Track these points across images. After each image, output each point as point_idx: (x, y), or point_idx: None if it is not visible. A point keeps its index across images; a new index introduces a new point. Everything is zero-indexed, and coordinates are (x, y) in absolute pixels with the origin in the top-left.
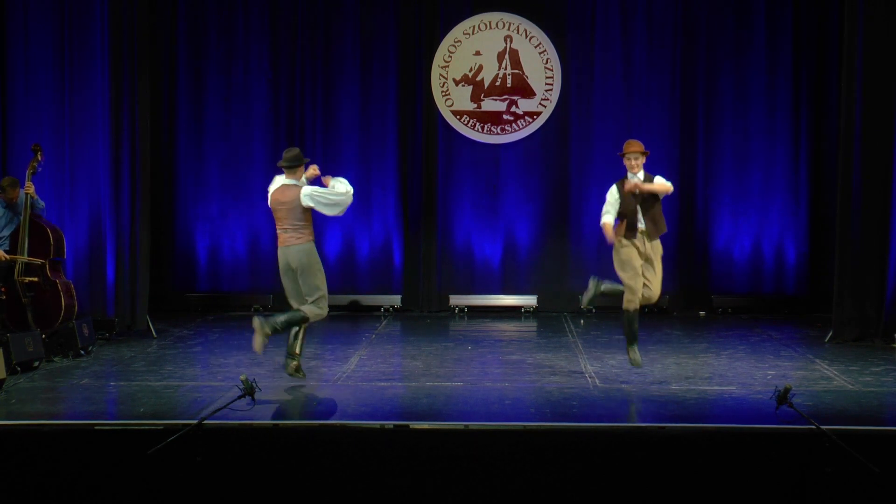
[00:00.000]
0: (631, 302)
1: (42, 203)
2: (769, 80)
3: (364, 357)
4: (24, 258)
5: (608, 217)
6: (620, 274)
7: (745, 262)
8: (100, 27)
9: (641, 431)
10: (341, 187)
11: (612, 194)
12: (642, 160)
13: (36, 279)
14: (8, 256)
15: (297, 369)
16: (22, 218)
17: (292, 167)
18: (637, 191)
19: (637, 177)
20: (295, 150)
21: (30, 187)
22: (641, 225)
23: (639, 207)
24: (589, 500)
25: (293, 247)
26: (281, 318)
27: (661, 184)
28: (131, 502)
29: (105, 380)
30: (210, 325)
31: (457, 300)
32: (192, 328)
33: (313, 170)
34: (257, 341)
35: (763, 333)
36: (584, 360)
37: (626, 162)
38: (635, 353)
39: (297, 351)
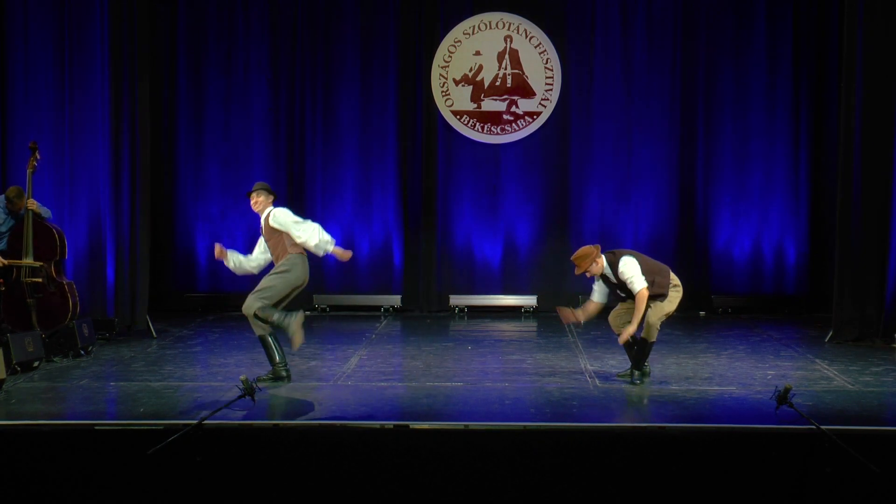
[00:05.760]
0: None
1: (49, 212)
2: (769, 80)
3: (364, 357)
4: (30, 262)
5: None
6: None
7: (745, 262)
8: (100, 27)
9: (641, 431)
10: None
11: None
12: (596, 267)
13: (40, 280)
14: (6, 261)
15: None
16: (25, 220)
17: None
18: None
19: (605, 273)
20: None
21: (32, 203)
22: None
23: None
24: (589, 500)
25: None
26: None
27: (639, 312)
28: (131, 502)
29: (105, 380)
30: (210, 325)
31: (457, 300)
32: (192, 328)
33: None
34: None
35: (763, 333)
36: (584, 360)
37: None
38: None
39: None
